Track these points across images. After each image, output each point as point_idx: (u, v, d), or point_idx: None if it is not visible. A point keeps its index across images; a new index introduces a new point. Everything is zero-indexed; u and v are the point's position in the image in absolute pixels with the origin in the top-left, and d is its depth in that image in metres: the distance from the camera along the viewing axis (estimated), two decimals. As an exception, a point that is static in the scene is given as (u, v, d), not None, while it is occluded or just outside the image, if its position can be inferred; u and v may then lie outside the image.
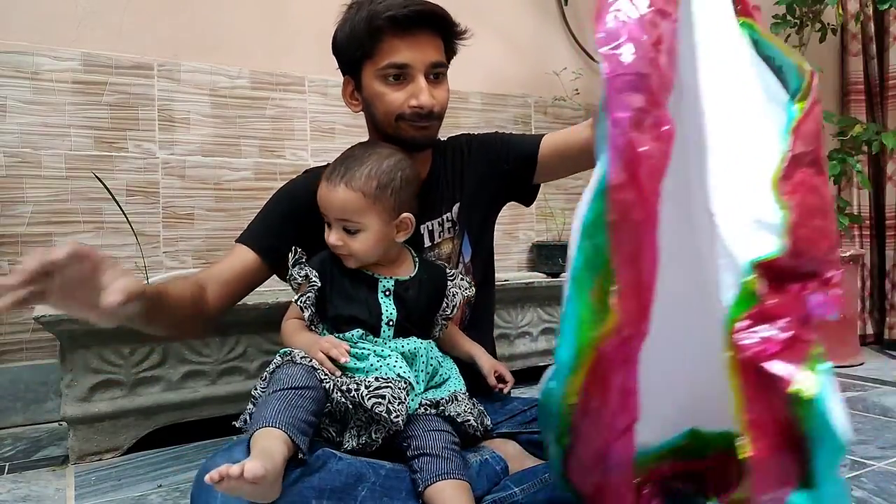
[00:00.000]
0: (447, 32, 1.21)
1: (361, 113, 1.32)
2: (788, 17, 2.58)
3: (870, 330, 2.79)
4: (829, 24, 2.62)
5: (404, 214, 1.12)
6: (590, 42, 3.06)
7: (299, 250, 1.14)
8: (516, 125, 2.85)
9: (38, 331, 1.91)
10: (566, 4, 2.91)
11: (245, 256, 1.20)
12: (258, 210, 2.25)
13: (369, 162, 1.10)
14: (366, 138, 2.46)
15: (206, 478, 0.72)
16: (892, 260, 2.72)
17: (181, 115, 2.15)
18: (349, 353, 1.03)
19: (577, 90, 2.91)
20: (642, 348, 0.70)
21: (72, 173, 1.99)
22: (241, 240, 1.23)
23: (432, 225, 1.30)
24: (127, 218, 1.82)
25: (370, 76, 1.19)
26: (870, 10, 2.74)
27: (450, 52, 1.25)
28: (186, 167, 2.16)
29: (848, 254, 2.42)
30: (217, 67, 2.21)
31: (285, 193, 1.28)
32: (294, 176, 1.90)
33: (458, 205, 1.32)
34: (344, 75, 1.27)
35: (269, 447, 0.83)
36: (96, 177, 1.82)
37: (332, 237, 1.10)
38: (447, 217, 1.32)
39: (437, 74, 1.19)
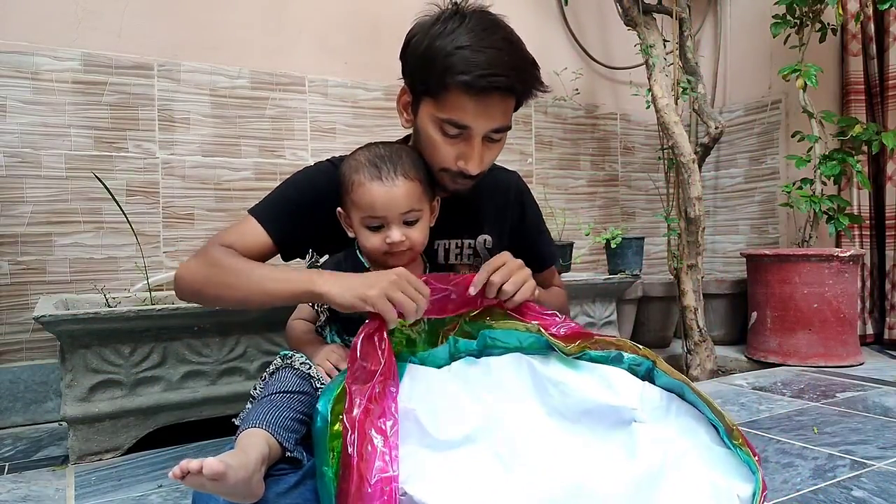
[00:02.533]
0: (524, 93, 1.14)
1: (362, 113, 1.31)
2: (788, 17, 2.58)
3: (870, 330, 2.78)
4: (829, 24, 2.62)
5: (436, 198, 1.17)
6: (590, 42, 3.06)
7: (315, 253, 1.15)
8: (516, 125, 2.85)
9: (38, 331, 1.91)
10: (566, 4, 2.91)
11: (263, 240, 1.16)
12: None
13: (404, 153, 1.11)
14: (364, 138, 2.46)
15: (170, 474, 0.71)
16: (892, 260, 2.71)
17: (181, 115, 2.15)
18: None
19: (577, 90, 2.91)
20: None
21: (72, 173, 1.99)
22: (258, 218, 1.18)
23: (448, 244, 1.27)
24: (127, 218, 1.82)
25: (427, 114, 1.11)
26: (870, 10, 2.74)
27: (521, 105, 1.19)
28: (186, 167, 2.16)
29: (848, 254, 2.41)
30: (217, 67, 2.21)
31: (309, 183, 1.22)
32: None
33: (486, 238, 1.30)
34: (406, 84, 1.18)
35: (244, 445, 0.83)
36: (96, 177, 1.82)
37: (396, 234, 1.07)
38: (468, 243, 1.29)
39: (495, 138, 1.14)
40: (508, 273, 1.03)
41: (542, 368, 0.96)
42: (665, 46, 2.52)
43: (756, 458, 0.86)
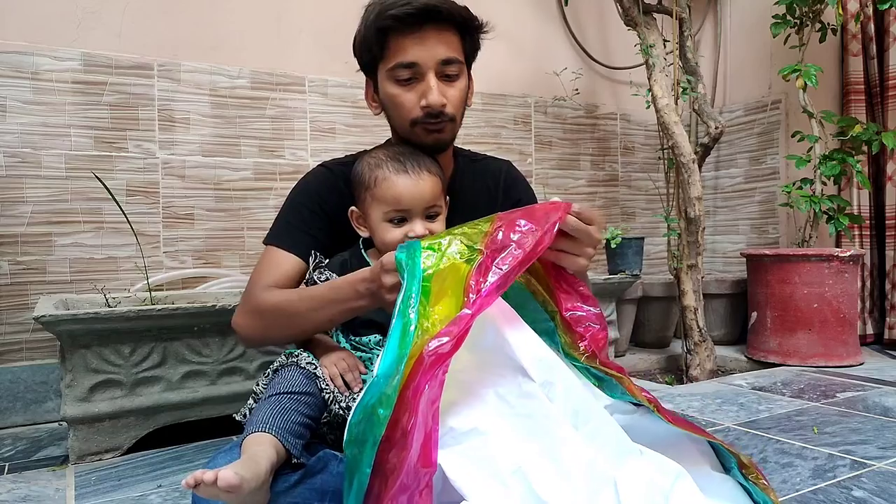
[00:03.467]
0: (461, 27, 1.16)
1: (362, 113, 1.31)
2: (788, 17, 2.58)
3: (870, 330, 2.78)
4: (829, 24, 2.62)
5: (447, 196, 1.18)
6: (590, 42, 3.06)
7: (319, 254, 1.15)
8: (516, 125, 2.85)
9: (38, 331, 1.91)
10: (566, 4, 2.91)
11: (292, 263, 1.17)
12: (259, 210, 2.25)
13: (419, 152, 1.13)
14: (364, 138, 2.46)
15: (183, 483, 0.72)
16: (892, 260, 2.71)
17: (181, 115, 2.15)
18: (362, 375, 1.05)
19: (576, 90, 2.91)
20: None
21: (72, 173, 1.99)
22: (278, 245, 1.19)
23: None
24: (127, 218, 1.82)
25: (383, 78, 1.16)
26: (870, 10, 2.74)
27: (470, 47, 1.19)
28: (186, 167, 2.16)
29: (848, 254, 2.41)
30: (217, 67, 2.21)
31: (308, 191, 1.24)
32: (295, 175, 1.89)
33: None
34: (366, 77, 1.25)
35: (255, 454, 0.82)
36: (96, 177, 1.83)
37: (419, 228, 1.08)
38: None
39: (449, 73, 1.14)
40: (586, 233, 0.94)
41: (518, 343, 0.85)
42: (665, 46, 2.52)
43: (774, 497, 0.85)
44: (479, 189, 1.31)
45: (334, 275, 1.11)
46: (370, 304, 1.00)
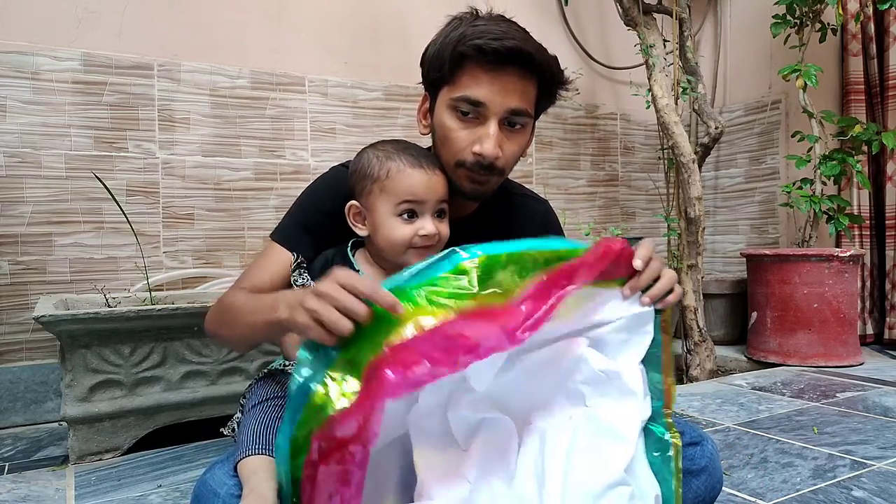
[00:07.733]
0: (545, 80, 1.07)
1: (362, 113, 1.28)
2: (788, 17, 2.58)
3: (870, 330, 2.78)
4: (829, 24, 2.62)
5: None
6: (590, 42, 3.06)
7: (300, 256, 1.09)
8: (516, 125, 2.85)
9: (38, 331, 1.91)
10: (566, 4, 2.91)
11: (287, 262, 1.10)
12: (259, 210, 2.25)
13: (426, 151, 1.09)
14: (365, 138, 2.46)
15: None
16: (892, 260, 2.71)
17: (181, 115, 2.15)
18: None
19: (577, 90, 2.91)
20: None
21: (72, 173, 1.99)
22: (282, 242, 1.12)
23: None
24: (127, 218, 1.82)
25: (443, 103, 1.07)
26: (870, 10, 2.74)
27: (544, 100, 1.11)
28: (186, 167, 2.16)
29: (848, 254, 2.41)
30: (217, 67, 2.21)
31: (327, 191, 1.15)
32: (295, 174, 1.90)
33: None
34: (425, 90, 1.15)
35: (258, 487, 0.78)
36: (96, 177, 1.82)
37: (430, 227, 1.02)
38: None
39: (515, 123, 1.05)
40: (660, 269, 0.87)
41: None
42: (665, 46, 2.52)
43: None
44: (506, 226, 1.22)
45: (309, 278, 1.05)
46: (285, 319, 0.81)
